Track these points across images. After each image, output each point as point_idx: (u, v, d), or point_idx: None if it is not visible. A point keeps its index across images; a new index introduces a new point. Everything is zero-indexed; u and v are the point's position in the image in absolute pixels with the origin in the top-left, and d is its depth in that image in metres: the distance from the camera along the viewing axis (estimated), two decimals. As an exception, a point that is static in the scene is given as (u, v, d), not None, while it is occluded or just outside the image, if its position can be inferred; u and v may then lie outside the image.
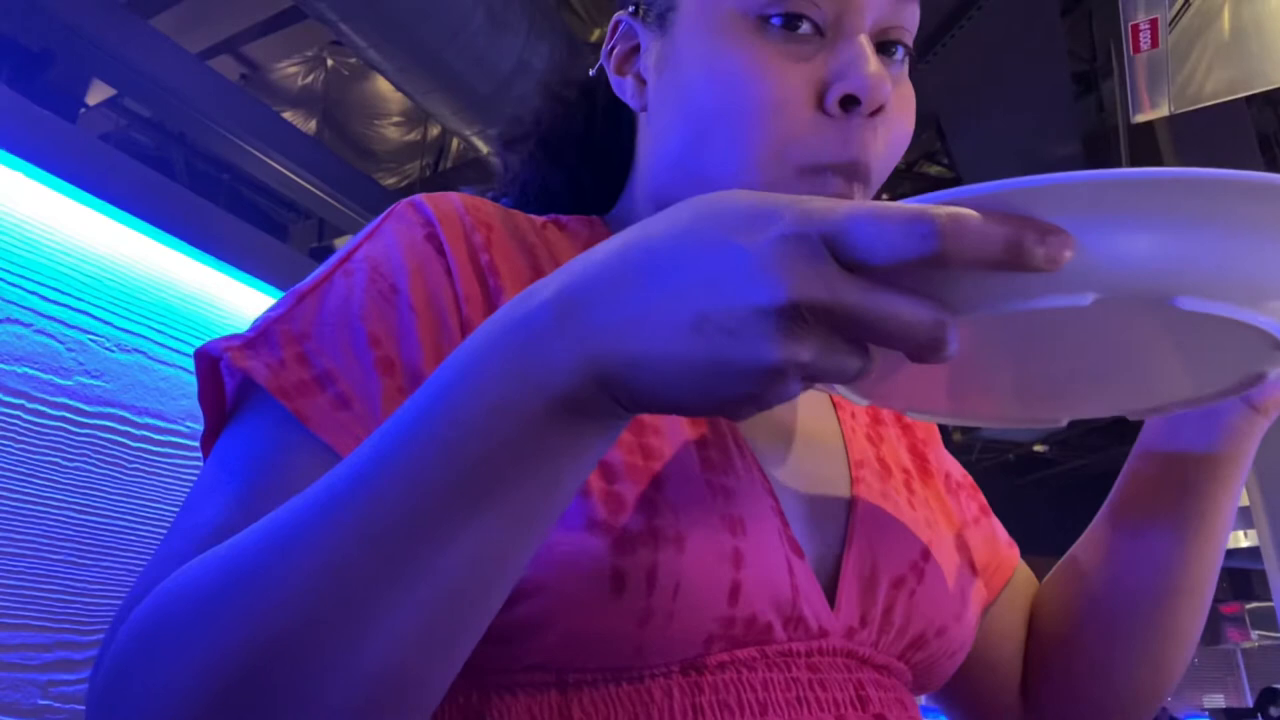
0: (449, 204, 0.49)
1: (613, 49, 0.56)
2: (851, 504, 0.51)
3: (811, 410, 0.56)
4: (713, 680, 0.41)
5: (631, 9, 0.54)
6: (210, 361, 0.43)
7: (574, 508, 0.40)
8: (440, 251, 0.47)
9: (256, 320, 0.45)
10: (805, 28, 0.47)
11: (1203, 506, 0.56)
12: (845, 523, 0.50)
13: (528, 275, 0.49)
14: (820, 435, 0.55)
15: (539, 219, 0.55)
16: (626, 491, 0.41)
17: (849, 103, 0.46)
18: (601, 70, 0.58)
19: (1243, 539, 6.02)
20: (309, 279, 0.47)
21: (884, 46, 0.49)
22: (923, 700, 0.67)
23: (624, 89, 0.55)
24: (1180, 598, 0.58)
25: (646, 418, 0.45)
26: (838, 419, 0.58)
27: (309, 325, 0.43)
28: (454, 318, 0.45)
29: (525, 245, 0.51)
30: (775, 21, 0.46)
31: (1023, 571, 0.67)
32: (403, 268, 0.46)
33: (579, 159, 0.62)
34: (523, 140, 0.63)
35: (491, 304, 0.47)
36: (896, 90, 0.49)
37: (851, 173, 0.47)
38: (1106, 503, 0.62)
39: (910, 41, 0.51)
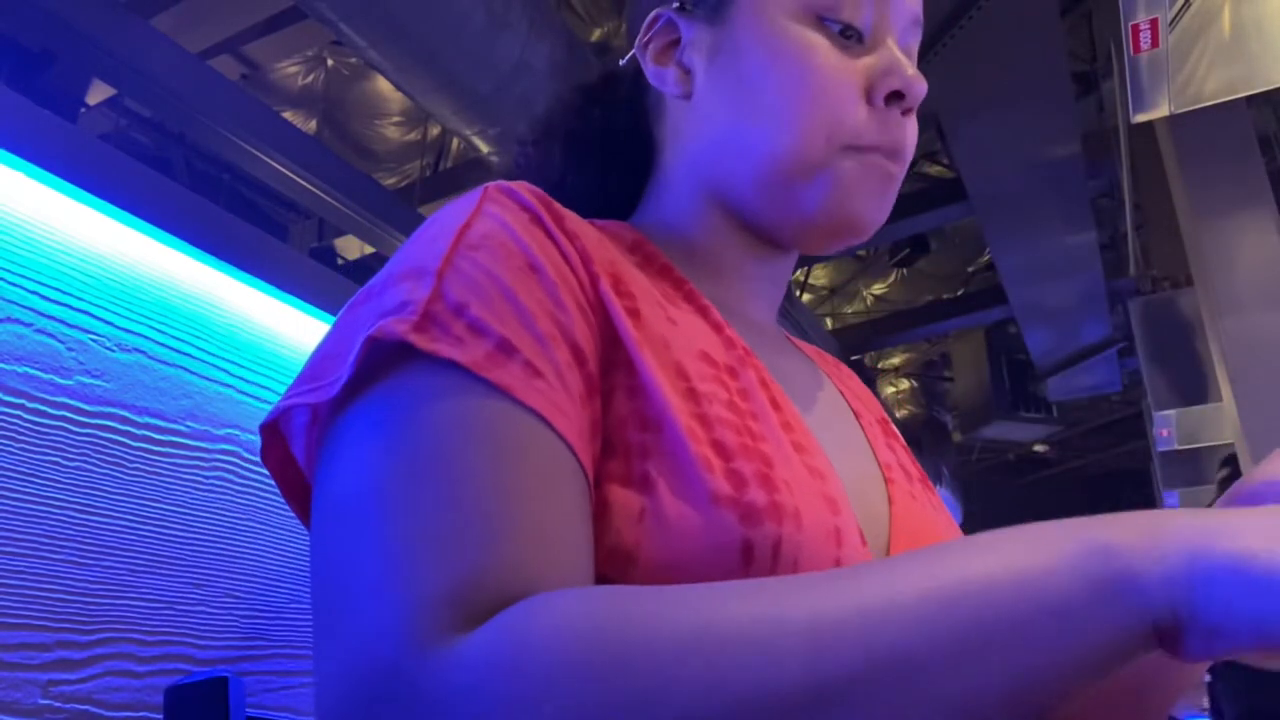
0: (533, 192, 0.49)
1: (648, 42, 0.58)
2: (889, 501, 0.53)
3: (837, 414, 0.58)
4: None
5: (676, 5, 0.57)
6: (377, 345, 0.39)
7: (697, 484, 0.41)
8: (550, 237, 0.46)
9: (391, 304, 0.41)
10: (851, 35, 0.53)
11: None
12: (887, 518, 0.51)
13: (609, 269, 0.49)
14: (851, 438, 0.56)
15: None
16: (744, 469, 0.42)
17: (893, 98, 0.52)
18: (618, 72, 0.60)
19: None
20: (425, 257, 0.43)
21: None
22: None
23: (664, 78, 0.57)
24: None
25: (740, 400, 0.46)
26: (860, 425, 0.59)
27: (463, 298, 0.41)
28: (585, 300, 0.45)
29: (596, 238, 0.51)
30: (829, 23, 0.52)
31: None
32: (529, 247, 0.44)
33: (607, 161, 0.62)
34: (546, 141, 0.63)
35: (598, 293, 0.46)
36: None
37: (893, 154, 0.53)
38: None
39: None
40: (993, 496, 8.23)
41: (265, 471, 0.46)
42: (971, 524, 0.62)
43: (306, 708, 0.95)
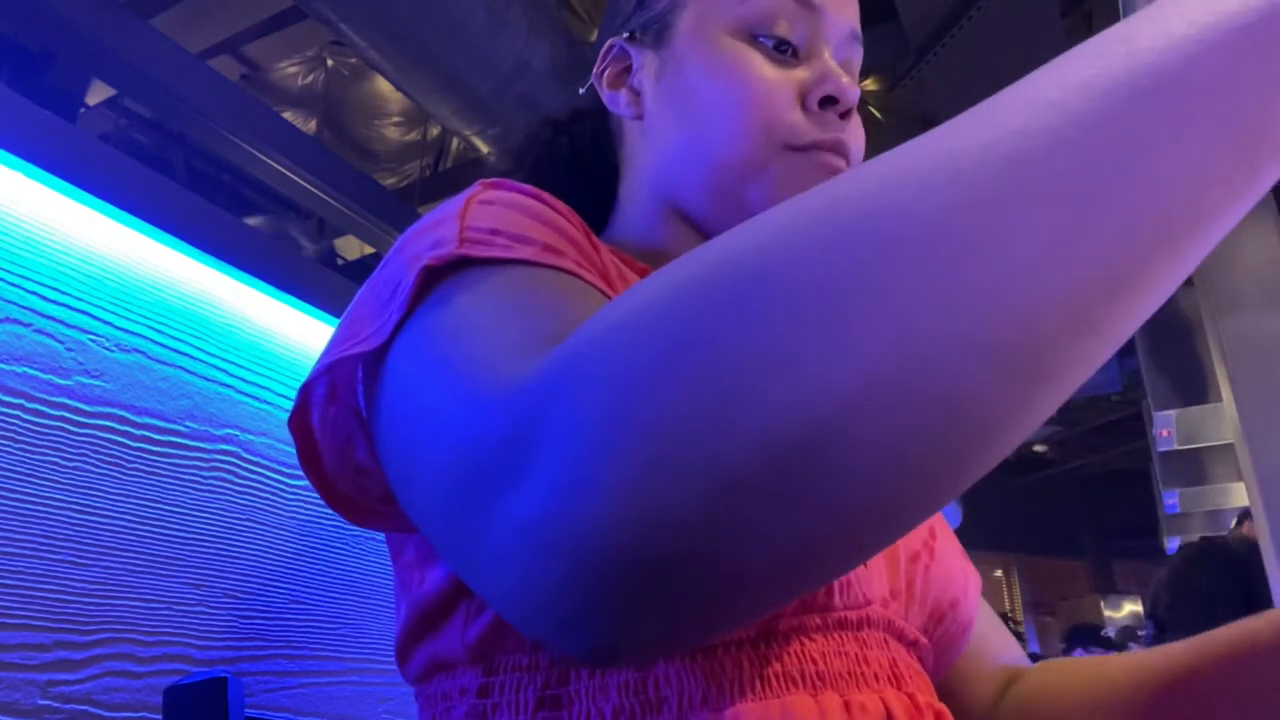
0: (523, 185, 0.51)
1: (604, 70, 0.63)
2: None
3: None
4: (778, 651, 0.42)
5: (626, 35, 0.62)
6: (431, 272, 0.39)
7: None
8: (553, 208, 0.47)
9: (423, 248, 0.41)
10: (786, 49, 0.56)
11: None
12: None
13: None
14: None
15: None
16: None
17: (827, 102, 0.55)
18: (585, 107, 0.65)
19: (1243, 539, 6.02)
20: (437, 217, 0.43)
21: None
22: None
23: (618, 101, 0.62)
24: None
25: None
26: None
27: (494, 225, 0.41)
28: (596, 263, 0.46)
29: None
30: (763, 40, 0.56)
31: None
32: (539, 210, 0.45)
33: (572, 186, 0.65)
34: (515, 171, 0.67)
35: (603, 259, 0.48)
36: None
37: (836, 149, 0.55)
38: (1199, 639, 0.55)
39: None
40: (992, 496, 8.22)
41: (264, 472, 0.46)
42: (972, 524, 0.62)
43: (306, 708, 0.95)
